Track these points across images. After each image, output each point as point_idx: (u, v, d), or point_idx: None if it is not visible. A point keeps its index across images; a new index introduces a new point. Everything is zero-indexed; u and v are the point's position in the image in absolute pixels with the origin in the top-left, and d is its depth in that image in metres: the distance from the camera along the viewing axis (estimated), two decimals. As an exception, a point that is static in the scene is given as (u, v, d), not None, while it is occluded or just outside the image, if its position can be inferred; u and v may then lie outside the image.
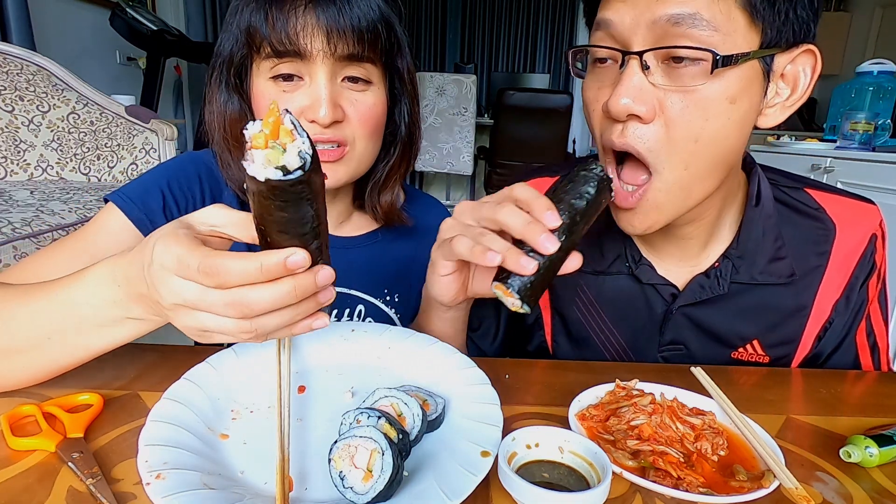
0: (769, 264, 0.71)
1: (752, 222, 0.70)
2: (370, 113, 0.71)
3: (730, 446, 0.52)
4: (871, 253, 0.73)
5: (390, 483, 0.40)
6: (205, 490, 0.40)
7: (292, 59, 0.66)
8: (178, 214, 0.71)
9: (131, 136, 2.34)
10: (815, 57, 0.58)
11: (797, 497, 0.45)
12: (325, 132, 0.68)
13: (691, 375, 0.62)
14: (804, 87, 0.60)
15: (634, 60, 0.55)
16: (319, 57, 0.65)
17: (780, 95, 0.60)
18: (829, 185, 0.78)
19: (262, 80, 0.69)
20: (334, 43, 0.65)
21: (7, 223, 1.49)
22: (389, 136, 0.80)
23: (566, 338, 0.79)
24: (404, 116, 0.79)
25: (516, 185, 0.53)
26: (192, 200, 0.75)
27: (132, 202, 0.71)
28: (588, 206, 0.52)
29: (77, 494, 0.42)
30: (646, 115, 0.55)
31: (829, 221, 0.73)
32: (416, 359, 0.60)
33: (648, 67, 0.55)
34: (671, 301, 0.73)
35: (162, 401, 0.49)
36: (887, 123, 2.25)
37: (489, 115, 4.97)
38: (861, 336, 0.76)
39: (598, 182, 0.52)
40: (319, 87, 0.66)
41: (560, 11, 6.04)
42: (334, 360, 0.61)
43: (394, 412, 0.48)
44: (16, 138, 2.14)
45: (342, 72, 0.68)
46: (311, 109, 0.67)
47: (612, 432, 0.52)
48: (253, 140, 0.34)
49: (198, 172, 0.77)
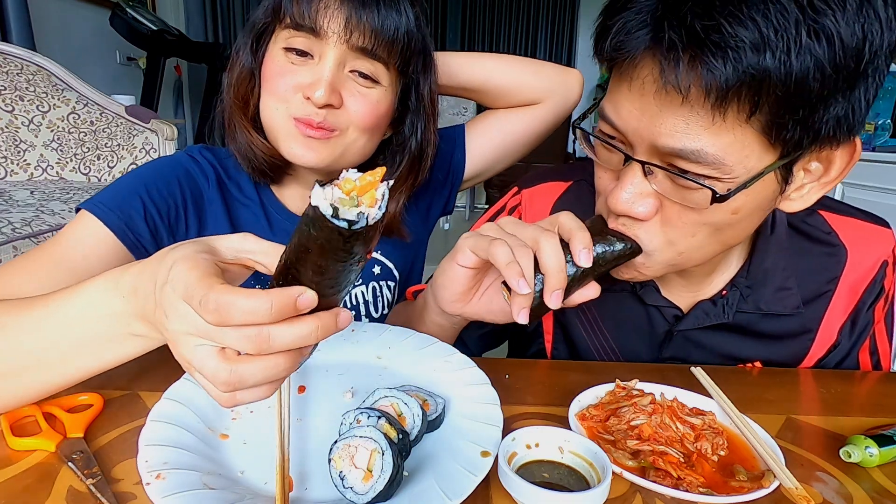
0: (777, 294, 0.69)
1: (765, 252, 0.68)
2: (369, 108, 0.70)
3: (730, 446, 0.52)
4: (881, 278, 0.71)
5: (390, 483, 0.40)
6: (205, 490, 0.40)
7: (308, 34, 0.67)
8: (159, 221, 0.71)
9: (131, 136, 2.34)
10: (854, 147, 0.51)
11: (797, 497, 0.45)
12: (318, 113, 0.68)
13: (691, 375, 0.62)
14: (837, 172, 0.53)
15: (637, 165, 0.52)
16: (333, 39, 0.66)
17: (812, 175, 0.54)
18: (845, 204, 0.75)
19: (276, 47, 0.70)
20: (351, 29, 0.66)
21: (7, 223, 1.49)
22: (397, 147, 0.80)
23: (565, 346, 0.79)
24: (416, 132, 0.79)
25: (562, 214, 0.55)
26: (174, 205, 0.73)
27: (110, 210, 0.67)
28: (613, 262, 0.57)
29: (77, 494, 0.42)
30: (644, 216, 0.54)
31: (842, 247, 0.71)
32: (416, 359, 0.60)
33: (652, 173, 0.52)
34: (673, 322, 0.72)
35: (162, 401, 0.49)
36: (887, 123, 2.25)
37: (489, 115, 4.97)
38: (864, 354, 0.74)
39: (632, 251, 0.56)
40: (324, 67, 0.67)
41: (560, 11, 6.04)
42: (334, 360, 0.61)
43: (394, 412, 0.48)
44: (16, 138, 2.14)
45: (352, 63, 0.69)
46: (309, 87, 0.67)
47: (612, 432, 0.52)
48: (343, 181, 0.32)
49: (176, 175, 0.75)
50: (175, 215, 0.74)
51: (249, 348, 0.35)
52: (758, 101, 0.44)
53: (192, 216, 0.76)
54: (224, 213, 0.78)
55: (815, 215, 0.72)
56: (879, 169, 2.03)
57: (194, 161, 0.79)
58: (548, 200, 0.78)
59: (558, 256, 0.51)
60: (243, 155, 0.76)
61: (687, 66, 0.44)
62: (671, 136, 0.48)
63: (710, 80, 0.43)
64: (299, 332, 0.35)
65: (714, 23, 0.42)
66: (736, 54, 0.42)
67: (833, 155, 0.52)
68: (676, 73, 0.45)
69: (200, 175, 0.78)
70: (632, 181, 0.52)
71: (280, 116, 0.70)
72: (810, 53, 0.42)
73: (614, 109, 0.53)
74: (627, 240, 0.56)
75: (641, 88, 0.49)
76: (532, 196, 0.79)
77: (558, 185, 0.79)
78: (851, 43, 0.43)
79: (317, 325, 0.36)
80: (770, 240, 0.68)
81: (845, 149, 0.51)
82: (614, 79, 0.53)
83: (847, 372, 0.72)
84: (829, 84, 0.43)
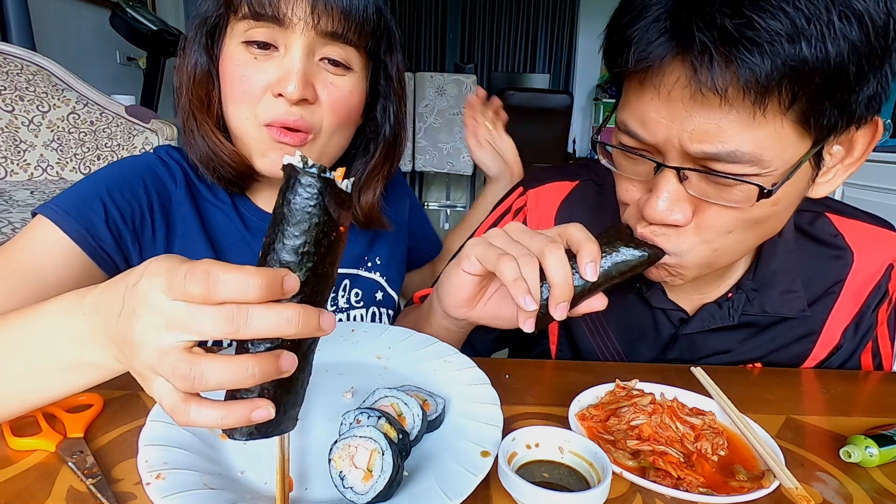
0: (783, 296, 0.69)
1: (772, 255, 0.68)
2: (344, 100, 0.66)
3: (730, 446, 0.52)
4: (885, 282, 0.71)
5: (390, 483, 0.40)
6: (205, 490, 0.40)
7: (269, 24, 0.61)
8: (122, 226, 0.66)
9: (131, 136, 2.34)
10: (876, 126, 0.52)
11: (797, 497, 0.45)
12: (291, 112, 0.63)
13: (691, 375, 0.62)
14: (860, 152, 0.54)
15: (671, 172, 0.51)
16: (300, 27, 0.61)
17: (834, 159, 0.54)
18: (852, 207, 0.75)
19: (233, 42, 0.64)
20: (318, 14, 0.61)
21: (7, 223, 1.50)
22: (371, 134, 0.76)
23: (570, 348, 0.79)
24: (389, 116, 0.76)
25: (572, 225, 0.54)
26: (139, 208, 0.68)
27: (68, 215, 0.62)
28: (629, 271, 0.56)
29: (77, 494, 0.42)
30: (683, 222, 0.53)
31: (848, 250, 0.71)
32: (416, 359, 0.60)
33: (687, 178, 0.51)
34: (679, 325, 0.72)
35: (162, 401, 0.49)
36: (888, 123, 2.25)
37: (489, 115, 4.96)
38: (867, 356, 0.74)
39: (648, 260, 0.56)
40: (294, 59, 0.62)
41: (560, 11, 6.05)
42: (334, 360, 0.61)
43: (394, 412, 0.48)
44: (16, 138, 2.14)
45: (321, 50, 0.64)
46: (280, 83, 0.62)
47: (612, 432, 0.52)
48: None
49: (141, 176, 0.70)
50: (140, 218, 0.68)
51: (227, 329, 0.32)
52: (797, 92, 0.44)
53: (160, 219, 0.70)
54: (194, 216, 0.73)
55: (821, 217, 0.72)
56: (879, 169, 2.03)
57: (161, 161, 0.74)
58: (554, 201, 0.77)
59: (564, 269, 0.51)
60: (205, 163, 0.69)
61: (722, 67, 0.44)
62: (705, 142, 0.48)
63: (748, 77, 0.43)
64: (279, 317, 0.33)
65: (745, 19, 0.42)
66: (772, 47, 0.42)
67: (855, 136, 0.52)
68: (711, 74, 0.44)
69: (168, 176, 0.73)
70: (667, 188, 0.51)
71: (250, 126, 0.65)
72: (845, 37, 0.42)
73: (639, 121, 0.52)
74: (648, 247, 0.55)
75: (669, 96, 0.48)
76: (538, 196, 0.79)
77: (564, 185, 0.78)
78: (879, 21, 0.43)
79: (298, 313, 0.33)
80: (778, 243, 0.68)
81: (867, 128, 0.52)
82: (633, 90, 0.52)
83: (847, 372, 0.72)
84: (865, 65, 0.44)
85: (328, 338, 0.62)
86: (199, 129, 0.68)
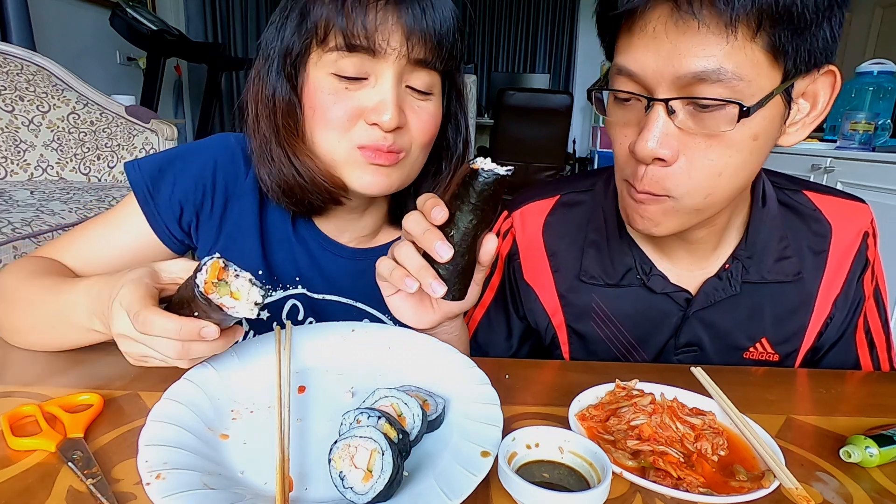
0: (777, 263, 0.73)
1: (759, 223, 0.73)
2: (430, 123, 0.68)
3: (730, 446, 0.52)
4: (864, 250, 0.77)
5: (390, 483, 0.40)
6: (205, 490, 0.40)
7: (362, 54, 0.62)
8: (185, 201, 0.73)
9: (131, 136, 2.34)
10: (834, 77, 0.58)
11: (797, 497, 0.45)
12: (386, 138, 0.64)
13: (691, 375, 0.62)
14: (823, 105, 0.60)
15: (660, 106, 0.56)
16: (393, 56, 0.62)
17: (801, 112, 0.61)
18: (824, 185, 0.81)
19: (321, 73, 0.64)
20: (412, 44, 0.62)
21: (7, 223, 1.49)
22: (443, 151, 0.77)
23: (584, 352, 0.80)
24: (461, 130, 0.77)
25: (405, 220, 0.56)
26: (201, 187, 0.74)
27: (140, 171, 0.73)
28: (483, 208, 0.53)
29: (77, 494, 0.42)
30: (670, 157, 0.57)
31: (826, 222, 0.76)
32: (416, 359, 0.60)
33: (674, 112, 0.56)
34: (686, 306, 0.74)
35: (162, 401, 0.49)
36: (887, 123, 2.24)
37: (489, 115, 4.97)
38: (860, 334, 0.78)
39: (493, 184, 0.53)
40: (386, 89, 0.63)
41: (560, 11, 6.05)
42: (334, 360, 0.61)
43: (394, 412, 0.48)
44: (16, 138, 2.14)
45: (409, 77, 0.65)
46: (374, 112, 0.63)
47: (612, 432, 0.52)
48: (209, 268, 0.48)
49: (215, 156, 0.74)
50: (202, 196, 0.74)
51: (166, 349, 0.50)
52: (761, 19, 0.51)
53: (220, 200, 0.75)
54: (254, 209, 0.75)
55: (800, 194, 0.77)
56: (879, 169, 2.03)
57: (242, 148, 0.76)
58: (538, 219, 0.81)
59: (412, 257, 0.55)
60: (286, 186, 0.69)
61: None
62: (691, 61, 0.53)
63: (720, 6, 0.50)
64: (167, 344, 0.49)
65: None
66: None
67: (816, 90, 0.59)
68: (690, 3, 0.51)
69: (242, 161, 0.75)
70: (656, 123, 0.56)
71: (343, 148, 0.66)
72: None
73: (630, 58, 0.57)
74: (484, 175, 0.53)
75: (654, 31, 0.55)
76: (522, 217, 0.82)
77: (545, 203, 0.81)
78: None
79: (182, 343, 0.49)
80: (763, 212, 0.73)
81: (826, 80, 0.59)
82: (624, 37, 0.58)
83: (847, 372, 0.73)
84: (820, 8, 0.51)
85: (328, 338, 0.63)
86: (288, 156, 0.68)
